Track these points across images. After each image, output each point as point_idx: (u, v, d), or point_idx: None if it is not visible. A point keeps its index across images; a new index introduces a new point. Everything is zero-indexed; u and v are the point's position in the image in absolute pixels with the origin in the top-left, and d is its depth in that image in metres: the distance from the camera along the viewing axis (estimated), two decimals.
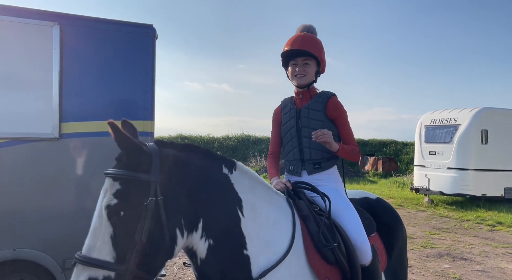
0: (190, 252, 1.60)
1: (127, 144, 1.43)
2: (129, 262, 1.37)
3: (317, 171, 2.15)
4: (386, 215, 2.35)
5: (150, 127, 3.80)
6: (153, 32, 3.77)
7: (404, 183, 15.50)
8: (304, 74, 2.17)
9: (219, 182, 1.64)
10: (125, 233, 1.39)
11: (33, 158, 3.33)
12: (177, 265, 5.46)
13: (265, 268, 1.61)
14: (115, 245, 1.39)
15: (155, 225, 1.41)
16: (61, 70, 3.40)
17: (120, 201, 1.40)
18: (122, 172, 1.44)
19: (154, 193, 1.42)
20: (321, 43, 2.22)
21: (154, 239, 1.41)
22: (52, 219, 3.33)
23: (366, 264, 1.91)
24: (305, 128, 2.16)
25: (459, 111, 11.66)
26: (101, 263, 1.36)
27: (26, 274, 3.31)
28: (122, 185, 1.42)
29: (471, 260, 6.12)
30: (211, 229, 1.56)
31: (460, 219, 9.53)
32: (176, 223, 1.48)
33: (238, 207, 1.63)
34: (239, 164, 1.74)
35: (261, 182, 1.82)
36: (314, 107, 2.15)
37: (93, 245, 1.40)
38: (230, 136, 24.49)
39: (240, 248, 1.60)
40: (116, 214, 1.40)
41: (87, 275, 1.36)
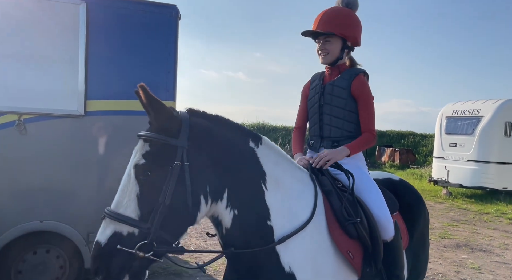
0: (216, 221, 1.63)
1: (157, 107, 1.46)
2: (152, 221, 1.41)
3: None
4: (409, 195, 2.34)
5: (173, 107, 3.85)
6: (176, 13, 3.79)
7: (422, 175, 15.27)
8: (326, 53, 2.14)
9: (246, 154, 1.66)
10: (150, 193, 1.43)
11: (59, 134, 3.43)
12: (194, 245, 5.56)
13: (284, 234, 1.64)
14: (140, 203, 1.43)
15: (179, 189, 1.44)
16: (86, 49, 3.47)
17: (148, 162, 1.44)
18: (152, 134, 1.47)
19: (180, 157, 1.45)
20: (347, 17, 2.15)
21: (178, 203, 1.44)
22: (77, 194, 3.43)
23: (388, 240, 1.91)
24: (327, 105, 2.15)
25: (482, 103, 11.35)
26: (126, 219, 1.41)
27: (52, 245, 3.45)
28: (151, 147, 1.47)
29: (490, 252, 6.03)
30: (236, 200, 1.59)
31: (479, 211, 9.37)
32: (201, 190, 1.50)
33: (262, 180, 1.65)
34: (265, 139, 1.76)
35: (286, 157, 1.83)
36: (339, 84, 2.13)
37: (120, 201, 1.45)
38: (245, 125, 24.53)
39: (264, 219, 1.63)
40: (143, 173, 1.43)
41: (113, 228, 1.42)
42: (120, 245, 1.39)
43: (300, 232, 1.66)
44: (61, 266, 3.48)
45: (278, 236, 1.63)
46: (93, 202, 3.42)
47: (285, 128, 23.65)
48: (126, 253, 1.39)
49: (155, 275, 4.35)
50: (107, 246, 1.40)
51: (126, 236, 1.41)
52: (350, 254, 1.75)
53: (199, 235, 6.04)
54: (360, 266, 1.79)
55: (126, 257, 1.40)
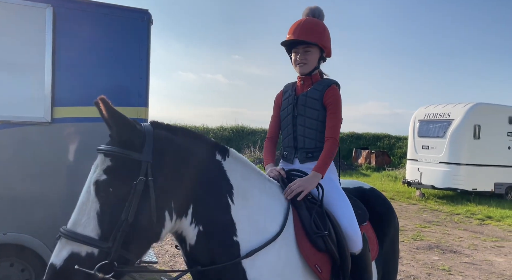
0: (180, 237, 1.59)
1: (119, 120, 1.40)
2: (114, 240, 1.34)
3: (308, 160, 2.14)
4: (379, 204, 2.37)
5: (144, 114, 3.77)
6: (148, 17, 3.72)
7: (397, 177, 15.62)
8: (305, 63, 2.14)
9: (212, 168, 1.62)
10: (111, 210, 1.36)
11: (25, 142, 3.29)
12: (169, 253, 5.47)
13: (252, 249, 1.62)
14: (100, 221, 1.36)
15: (143, 205, 1.38)
16: (53, 54, 3.35)
17: (110, 178, 1.37)
18: (114, 148, 1.41)
19: (144, 172, 1.39)
20: (324, 28, 2.17)
21: (142, 220, 1.38)
22: (43, 204, 3.30)
23: (356, 253, 1.93)
24: (301, 116, 2.14)
25: (453, 106, 11.72)
26: (85, 239, 1.34)
27: (16, 258, 3.30)
28: (112, 162, 1.40)
29: (460, 253, 6.21)
30: (201, 216, 1.55)
31: (450, 212, 9.65)
32: (166, 205, 1.45)
33: (228, 194, 1.62)
34: (232, 151, 1.73)
35: (254, 169, 1.81)
36: (312, 96, 2.13)
37: (78, 220, 1.37)
38: (224, 127, 24.45)
39: (230, 234, 1.60)
40: (104, 190, 1.37)
41: (70, 249, 1.34)
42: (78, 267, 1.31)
43: (268, 246, 1.65)
44: (26, 279, 3.34)
45: (245, 251, 1.61)
46: (61, 212, 3.29)
47: (264, 131, 23.69)
48: (84, 275, 1.31)
49: None
50: (63, 268, 1.31)
51: (85, 257, 1.33)
52: (318, 268, 1.75)
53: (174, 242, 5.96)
54: (328, 279, 1.79)
55: (84, 279, 1.32)
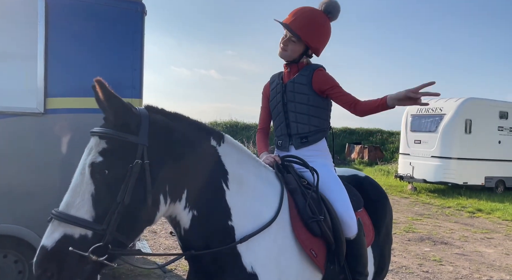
0: (174, 221, 1.59)
1: (116, 103, 1.38)
2: (108, 222, 1.33)
3: (304, 145, 2.15)
4: (374, 192, 2.39)
5: (138, 105, 3.72)
6: (142, 8, 3.69)
7: (389, 171, 15.76)
8: (285, 50, 2.14)
9: (206, 153, 1.62)
10: (107, 192, 1.35)
11: (17, 133, 3.27)
12: (163, 245, 5.48)
13: (247, 234, 1.62)
14: (95, 204, 1.35)
15: (139, 188, 1.38)
16: (46, 44, 3.32)
17: (106, 160, 1.37)
18: (109, 131, 1.40)
19: (140, 155, 1.39)
20: (321, 29, 2.14)
21: (137, 202, 1.38)
22: (37, 195, 3.28)
23: (351, 237, 1.95)
24: (291, 102, 2.15)
25: (444, 101, 11.83)
26: (78, 221, 1.32)
27: (10, 249, 3.29)
28: (108, 144, 1.39)
29: (451, 244, 6.30)
30: (195, 200, 1.56)
31: (441, 205, 9.78)
32: (160, 189, 1.45)
33: (223, 180, 1.63)
34: (227, 137, 1.73)
35: (250, 155, 1.82)
36: (299, 81, 2.13)
37: (71, 202, 1.35)
38: (218, 122, 24.38)
39: (225, 219, 1.61)
40: (100, 172, 1.36)
41: (63, 231, 1.32)
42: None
43: (263, 231, 1.65)
44: (20, 271, 3.33)
45: (240, 236, 1.61)
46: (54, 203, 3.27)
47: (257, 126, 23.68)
48: (76, 257, 1.30)
49: (122, 277, 4.25)
50: (55, 250, 1.30)
51: (78, 239, 1.32)
52: (313, 252, 1.77)
53: (169, 234, 5.96)
54: (323, 264, 1.81)
55: (76, 261, 1.31)
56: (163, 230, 6.21)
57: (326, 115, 2.20)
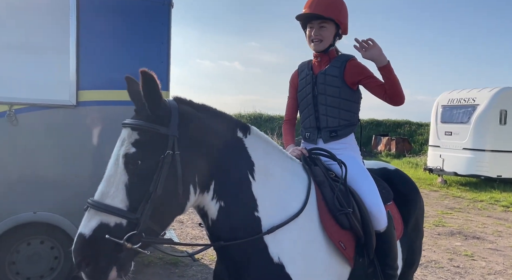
0: (202, 211, 1.61)
1: (155, 96, 1.43)
2: (142, 211, 1.37)
3: (333, 139, 2.12)
4: (404, 185, 2.33)
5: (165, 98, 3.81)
6: (169, 1, 3.72)
7: (418, 164, 15.36)
8: (320, 40, 2.10)
9: (233, 145, 1.63)
10: (140, 182, 1.39)
11: (51, 124, 3.39)
12: (190, 235, 5.58)
13: (274, 225, 1.62)
14: (129, 193, 1.39)
15: (170, 178, 1.41)
16: (78, 38, 3.41)
17: (138, 151, 1.40)
18: (141, 122, 1.43)
19: (172, 146, 1.42)
20: (342, 3, 2.12)
21: (168, 192, 1.41)
22: (70, 184, 3.41)
23: (381, 230, 1.91)
24: (322, 95, 2.12)
25: (478, 91, 11.36)
26: (113, 210, 1.36)
27: (46, 236, 3.44)
28: (140, 135, 1.43)
29: (484, 239, 6.10)
30: (222, 191, 1.57)
31: (473, 199, 9.45)
32: (190, 179, 1.48)
33: (249, 171, 1.63)
34: (254, 129, 1.73)
35: (276, 146, 1.81)
36: (331, 73, 2.10)
37: (106, 191, 1.39)
38: (242, 114, 24.44)
39: (251, 210, 1.61)
40: (133, 162, 1.40)
41: (99, 219, 1.36)
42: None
43: (290, 222, 1.65)
44: (55, 256, 3.48)
45: (266, 227, 1.62)
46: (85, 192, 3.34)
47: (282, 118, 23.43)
48: (112, 244, 1.35)
49: (151, 265, 4.37)
50: (93, 237, 1.35)
51: (113, 227, 1.36)
52: (342, 245, 1.75)
53: (195, 225, 6.07)
54: (352, 256, 1.79)
55: (112, 248, 1.36)
56: (189, 220, 6.33)
57: (356, 109, 2.16)
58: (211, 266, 4.48)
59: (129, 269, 1.43)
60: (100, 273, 1.37)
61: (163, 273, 4.23)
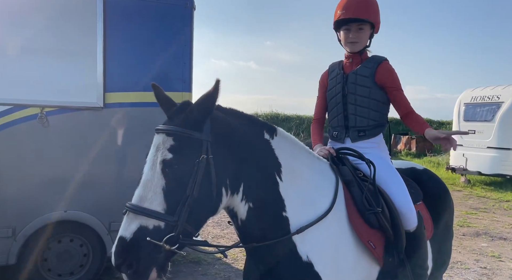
0: (231, 212, 1.65)
1: (188, 102, 1.52)
2: (179, 214, 1.41)
3: (361, 139, 2.12)
4: (433, 185, 2.31)
5: (188, 99, 3.87)
6: (191, 3, 3.79)
7: (439, 163, 15.05)
8: (357, 41, 2.11)
9: (261, 147, 1.66)
10: (177, 186, 1.43)
11: (80, 126, 3.49)
12: (211, 234, 5.64)
13: (302, 224, 1.65)
14: (166, 197, 1.42)
15: (205, 182, 1.45)
16: (104, 42, 3.50)
17: (175, 156, 1.44)
18: (175, 128, 1.47)
19: (206, 151, 1.46)
20: (376, 3, 2.12)
21: (204, 194, 1.45)
22: (98, 184, 3.51)
23: (411, 230, 1.90)
24: (351, 94, 2.12)
25: (502, 88, 11.04)
26: (152, 213, 1.40)
27: (76, 234, 3.55)
28: (175, 141, 1.46)
29: (511, 240, 5.94)
30: (251, 193, 1.60)
31: (499, 199, 9.21)
32: (223, 182, 1.52)
33: (276, 172, 1.65)
34: (280, 130, 1.75)
35: (302, 147, 1.83)
36: (362, 73, 2.10)
37: (144, 195, 1.43)
38: (259, 114, 24.44)
39: (279, 210, 1.64)
40: (170, 167, 1.43)
41: (139, 223, 1.40)
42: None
43: (320, 222, 1.67)
44: (84, 254, 3.58)
45: (294, 227, 1.64)
46: (113, 192, 3.50)
47: (299, 117, 23.48)
48: (152, 246, 1.39)
49: (174, 264, 4.44)
50: (133, 240, 1.39)
51: (152, 230, 1.40)
52: (372, 244, 1.75)
53: (216, 224, 6.12)
54: (382, 256, 1.79)
55: (152, 250, 1.40)
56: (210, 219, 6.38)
57: (386, 110, 2.16)
58: (233, 265, 4.52)
59: (167, 269, 1.47)
60: (142, 274, 1.40)
61: (187, 271, 4.30)
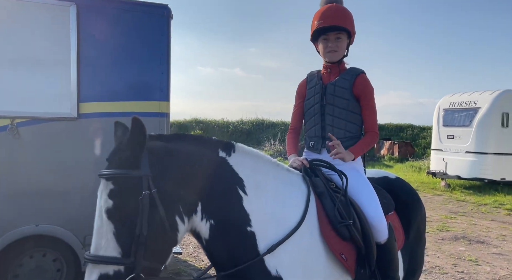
0: (195, 233, 1.63)
1: (133, 142, 1.47)
2: (135, 255, 1.42)
3: None
4: (405, 194, 2.33)
5: (166, 108, 3.83)
6: (168, 12, 3.76)
7: (421, 167, 15.30)
8: (336, 50, 2.12)
9: (215, 165, 1.64)
10: (126, 228, 1.43)
11: (53, 137, 3.41)
12: (192, 244, 5.57)
13: (273, 243, 1.63)
14: (119, 241, 1.43)
15: (153, 217, 1.44)
16: (78, 51, 3.44)
17: (116, 201, 1.43)
18: (113, 171, 1.46)
19: (147, 186, 1.45)
20: (351, 14, 2.14)
21: (156, 230, 1.45)
22: (72, 197, 3.42)
23: (382, 242, 1.91)
24: (330, 105, 2.13)
25: (479, 94, 11.34)
26: (108, 259, 1.41)
27: (49, 249, 3.44)
28: (115, 185, 1.44)
29: (488, 243, 6.06)
30: (211, 210, 1.59)
31: (477, 203, 9.40)
32: (175, 211, 1.51)
33: (239, 187, 1.64)
34: (238, 146, 1.74)
35: (268, 160, 1.82)
36: (341, 85, 2.11)
37: (99, 243, 1.44)
38: (244, 121, 24.48)
39: (243, 225, 1.62)
40: (114, 213, 1.43)
41: (98, 272, 1.41)
42: None
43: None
44: (58, 269, 3.48)
45: (261, 241, 1.62)
46: (88, 204, 3.39)
47: (284, 123, 23.60)
48: None
49: None
50: None
51: (113, 275, 1.41)
52: (343, 256, 1.75)
53: None
54: (354, 268, 1.79)
55: None
56: None
57: (362, 122, 2.18)
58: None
59: None
60: None
61: None
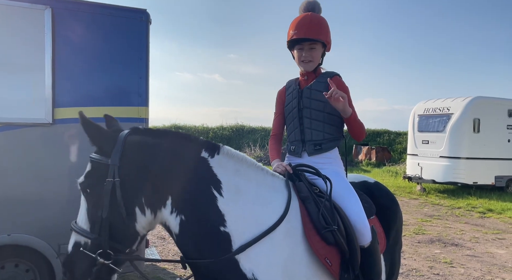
0: (165, 227, 1.71)
1: (92, 131, 1.63)
2: (98, 232, 1.59)
3: (317, 153, 2.14)
4: (384, 198, 2.37)
5: (145, 113, 3.78)
6: (146, 17, 3.72)
7: (397, 172, 15.64)
8: (310, 60, 2.16)
9: (193, 164, 1.68)
10: (92, 208, 1.63)
11: (26, 143, 3.30)
12: (172, 252, 5.47)
13: (245, 240, 1.64)
14: (88, 217, 1.64)
15: (113, 203, 1.59)
16: (53, 55, 3.35)
17: (87, 180, 1.64)
18: (93, 155, 1.67)
19: (112, 175, 1.59)
20: (327, 23, 2.18)
21: (114, 215, 1.60)
22: (46, 205, 3.31)
23: (365, 245, 1.93)
24: (307, 109, 2.15)
25: (452, 101, 11.73)
26: (80, 231, 1.64)
27: (22, 259, 3.31)
28: (90, 167, 1.66)
29: (462, 246, 6.23)
30: (182, 206, 1.63)
31: (451, 206, 9.68)
32: (135, 201, 1.62)
33: (214, 188, 1.66)
34: (224, 148, 1.76)
35: (252, 164, 1.82)
36: (316, 88, 2.14)
37: (79, 215, 1.68)
38: (224, 126, 24.44)
39: (216, 225, 1.63)
40: (85, 191, 1.64)
41: (74, 239, 1.66)
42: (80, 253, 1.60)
43: (266, 238, 1.65)
44: (31, 279, 3.35)
45: (238, 242, 1.62)
46: (63, 213, 3.29)
47: (264, 129, 23.69)
48: (88, 260, 1.59)
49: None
50: (72, 253, 1.63)
51: (83, 245, 1.62)
52: (328, 261, 1.75)
53: None
54: (338, 272, 1.80)
55: (88, 263, 1.59)
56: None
57: (341, 124, 2.20)
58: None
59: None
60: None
61: None
